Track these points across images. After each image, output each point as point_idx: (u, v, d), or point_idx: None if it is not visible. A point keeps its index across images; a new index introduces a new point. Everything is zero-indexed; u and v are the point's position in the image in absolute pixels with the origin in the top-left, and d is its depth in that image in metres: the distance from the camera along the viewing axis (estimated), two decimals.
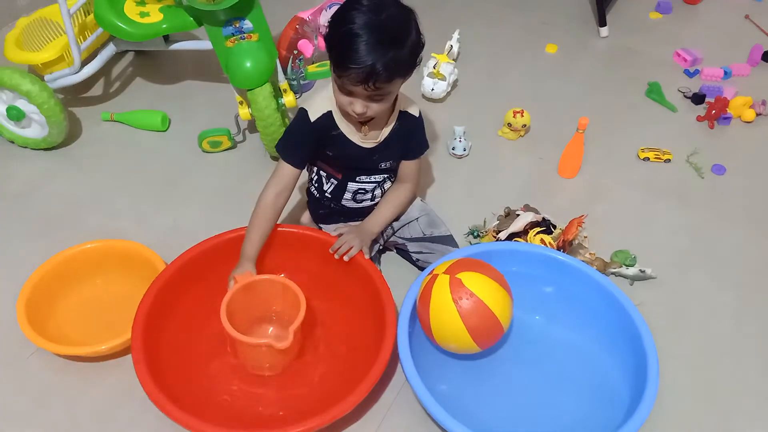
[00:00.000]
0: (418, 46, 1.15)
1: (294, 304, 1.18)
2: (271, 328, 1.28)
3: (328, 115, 1.25)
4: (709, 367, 1.30)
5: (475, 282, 1.15)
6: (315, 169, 1.37)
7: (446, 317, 1.14)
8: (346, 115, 1.23)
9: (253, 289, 1.22)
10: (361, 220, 1.38)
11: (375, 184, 1.36)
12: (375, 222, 1.36)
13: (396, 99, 1.26)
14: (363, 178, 1.34)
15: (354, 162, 1.31)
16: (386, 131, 1.29)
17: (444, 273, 1.17)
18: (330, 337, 1.30)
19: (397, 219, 1.41)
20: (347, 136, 1.26)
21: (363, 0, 1.10)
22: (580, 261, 1.33)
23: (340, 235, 1.32)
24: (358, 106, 1.15)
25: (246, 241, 1.27)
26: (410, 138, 1.33)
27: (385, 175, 1.37)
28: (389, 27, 1.09)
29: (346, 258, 1.28)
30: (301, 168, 1.30)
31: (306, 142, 1.27)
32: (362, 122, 1.25)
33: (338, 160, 1.32)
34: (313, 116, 1.24)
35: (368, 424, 1.19)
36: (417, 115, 1.33)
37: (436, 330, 1.17)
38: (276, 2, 1.92)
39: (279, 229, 1.33)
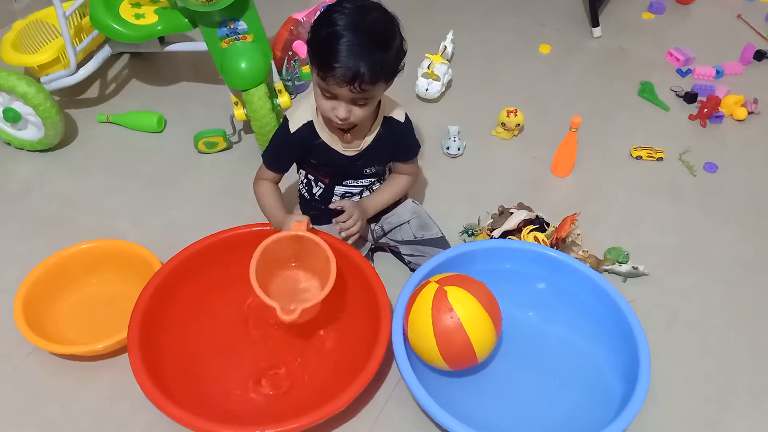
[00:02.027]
0: (402, 51, 1.15)
1: (324, 279, 1.18)
2: (304, 283, 1.27)
3: (309, 125, 1.26)
4: (701, 363, 1.31)
5: (461, 300, 1.11)
6: (303, 173, 1.38)
7: (422, 328, 1.13)
8: (328, 123, 1.24)
9: (303, 243, 1.22)
10: None
11: (362, 188, 1.37)
12: (372, 204, 1.35)
13: (379, 105, 1.26)
14: (350, 182, 1.35)
15: (338, 169, 1.32)
16: (369, 139, 1.28)
17: (436, 282, 1.16)
18: (325, 334, 1.30)
19: (389, 211, 1.41)
20: (329, 144, 1.27)
21: (346, 3, 1.10)
22: (573, 258, 1.34)
23: (338, 215, 1.30)
24: (341, 111, 1.15)
25: (272, 215, 1.29)
26: (398, 143, 1.32)
27: (372, 179, 1.37)
28: (374, 29, 1.09)
29: (350, 241, 1.28)
30: (283, 173, 1.33)
31: (287, 152, 1.30)
32: (344, 130, 1.24)
33: (323, 168, 1.33)
34: (293, 126, 1.25)
35: (364, 420, 1.20)
36: (403, 119, 1.31)
37: (412, 339, 1.16)
38: (271, 3, 1.93)
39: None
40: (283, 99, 1.66)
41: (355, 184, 1.36)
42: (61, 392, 1.23)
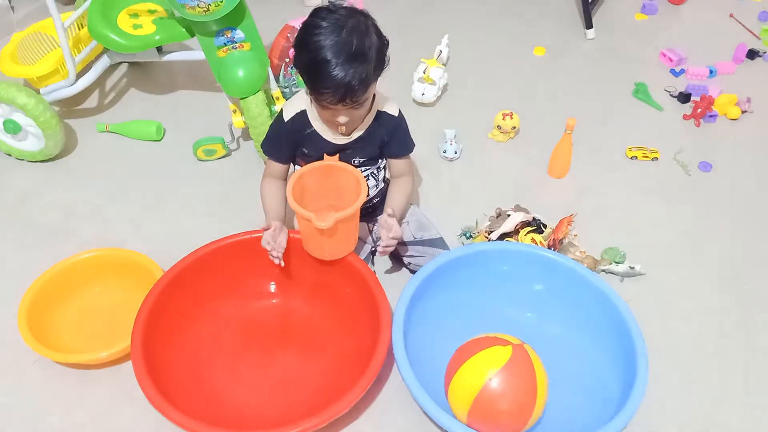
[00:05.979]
0: (383, 46, 1.17)
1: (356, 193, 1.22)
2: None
3: (302, 114, 1.29)
4: (698, 361, 1.33)
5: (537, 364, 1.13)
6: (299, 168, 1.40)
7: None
8: (328, 121, 1.26)
9: (332, 175, 1.27)
10: None
11: None
12: (399, 214, 1.36)
13: (374, 99, 1.28)
14: None
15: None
16: (360, 131, 1.30)
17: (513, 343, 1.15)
18: (326, 338, 1.32)
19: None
20: (320, 133, 1.29)
21: (321, 22, 1.12)
22: (570, 259, 1.35)
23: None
24: (342, 118, 1.20)
25: (266, 215, 1.33)
26: (391, 137, 1.33)
27: (361, 170, 1.35)
28: (354, 42, 1.11)
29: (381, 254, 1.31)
30: (287, 163, 1.36)
31: (284, 141, 1.33)
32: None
33: (314, 158, 1.33)
34: (287, 116, 1.29)
35: (367, 422, 1.21)
36: (396, 114, 1.33)
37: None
38: (267, 12, 1.95)
39: None
40: (281, 106, 1.67)
41: None
42: (64, 400, 1.24)
